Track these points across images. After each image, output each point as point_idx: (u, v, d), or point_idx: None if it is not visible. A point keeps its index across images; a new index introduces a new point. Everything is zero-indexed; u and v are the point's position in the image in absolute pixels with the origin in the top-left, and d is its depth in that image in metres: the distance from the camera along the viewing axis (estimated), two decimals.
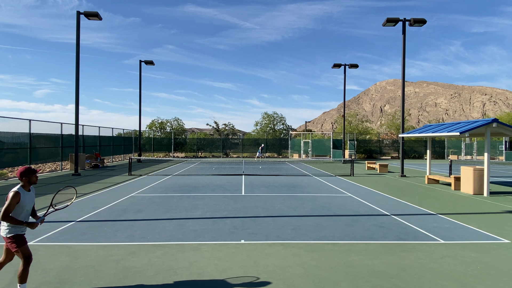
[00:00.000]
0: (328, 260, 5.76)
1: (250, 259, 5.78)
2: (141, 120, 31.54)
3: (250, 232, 7.40)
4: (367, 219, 8.81)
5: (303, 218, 8.77)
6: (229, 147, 42.64)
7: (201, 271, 5.25)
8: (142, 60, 30.17)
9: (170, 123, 44.59)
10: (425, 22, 18.93)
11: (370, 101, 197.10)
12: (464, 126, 13.49)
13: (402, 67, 19.88)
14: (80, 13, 18.51)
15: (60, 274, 5.07)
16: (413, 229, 7.83)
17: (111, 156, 30.73)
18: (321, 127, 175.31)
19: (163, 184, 15.25)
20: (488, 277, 5.11)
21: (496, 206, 10.81)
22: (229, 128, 47.07)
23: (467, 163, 32.47)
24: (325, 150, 37.50)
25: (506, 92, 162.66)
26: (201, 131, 56.50)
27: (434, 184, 16.28)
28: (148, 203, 10.65)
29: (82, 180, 16.62)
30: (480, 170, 13.22)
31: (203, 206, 10.27)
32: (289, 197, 11.90)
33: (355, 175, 19.71)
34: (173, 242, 6.68)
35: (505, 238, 7.15)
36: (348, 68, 30.93)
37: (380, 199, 11.76)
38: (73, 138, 20.77)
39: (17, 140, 18.00)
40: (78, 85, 18.82)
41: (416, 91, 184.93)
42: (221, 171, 21.23)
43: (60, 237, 6.96)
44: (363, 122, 46.99)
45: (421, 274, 5.20)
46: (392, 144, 43.01)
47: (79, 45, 18.78)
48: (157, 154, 40.52)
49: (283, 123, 46.87)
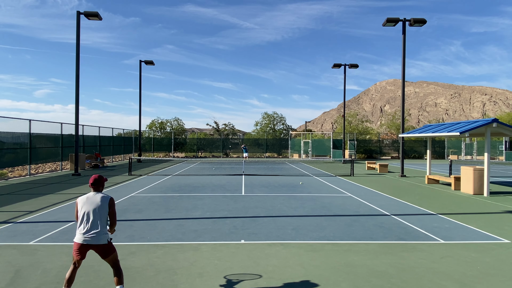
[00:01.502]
0: (328, 260, 5.76)
1: (250, 259, 5.78)
2: (141, 120, 31.59)
3: (250, 232, 7.40)
4: (367, 219, 8.81)
5: (303, 218, 8.77)
6: (229, 147, 42.65)
7: (201, 271, 5.25)
8: (142, 60, 30.19)
9: (170, 123, 44.63)
10: (425, 22, 18.94)
11: (370, 101, 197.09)
12: (464, 126, 13.49)
13: (402, 67, 19.88)
14: (80, 13, 18.51)
15: (60, 274, 5.07)
16: (413, 229, 7.83)
17: (111, 156, 30.74)
18: (321, 127, 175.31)
19: (163, 184, 15.25)
20: (488, 277, 5.11)
21: (496, 206, 10.81)
22: (229, 128, 47.05)
23: (467, 163, 32.46)
24: (325, 150, 37.49)
25: (506, 92, 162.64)
26: (201, 131, 56.52)
27: (434, 184, 16.28)
28: (148, 203, 10.65)
29: (82, 180, 16.61)
30: (480, 170, 13.22)
31: (203, 206, 10.27)
32: (289, 197, 11.90)
33: (355, 175, 19.71)
34: (173, 242, 6.68)
35: (505, 238, 7.15)
36: (348, 68, 30.94)
37: (380, 199, 11.76)
38: (73, 138, 20.76)
39: (17, 140, 18.00)
40: (78, 85, 18.83)
41: (416, 91, 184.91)
42: (221, 171, 21.24)
43: (60, 237, 6.96)
44: (363, 122, 46.99)
45: (421, 274, 5.20)
46: (392, 144, 43.00)
47: (79, 45, 18.79)
48: (157, 154, 40.53)
49: (283, 123, 46.91)
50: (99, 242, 4.11)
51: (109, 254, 4.21)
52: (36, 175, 18.83)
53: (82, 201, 4.22)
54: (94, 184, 4.29)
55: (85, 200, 4.22)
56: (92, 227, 4.10)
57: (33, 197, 11.64)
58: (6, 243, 6.52)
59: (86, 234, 4.09)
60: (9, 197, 11.64)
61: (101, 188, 4.36)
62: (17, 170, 20.26)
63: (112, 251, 4.25)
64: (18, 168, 20.67)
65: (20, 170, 20.62)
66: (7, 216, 8.73)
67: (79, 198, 4.27)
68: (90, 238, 4.08)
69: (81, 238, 4.09)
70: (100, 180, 4.34)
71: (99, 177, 4.34)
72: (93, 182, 4.29)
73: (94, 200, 4.19)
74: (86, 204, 4.18)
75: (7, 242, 6.61)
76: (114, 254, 4.28)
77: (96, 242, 4.09)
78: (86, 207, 4.17)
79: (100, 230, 4.12)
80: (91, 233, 4.08)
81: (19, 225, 7.89)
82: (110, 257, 4.23)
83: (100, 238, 4.11)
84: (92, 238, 4.08)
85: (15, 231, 7.39)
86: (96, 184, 4.30)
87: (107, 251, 4.19)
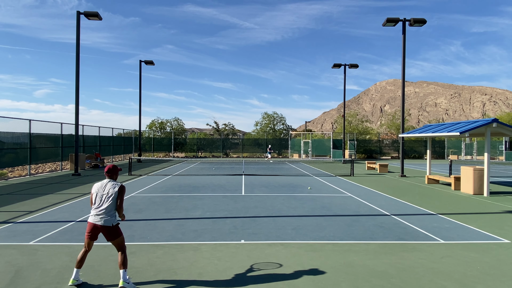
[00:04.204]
0: (328, 260, 5.76)
1: (250, 259, 5.78)
2: (141, 120, 31.59)
3: (250, 232, 7.40)
4: (367, 219, 8.81)
5: (303, 218, 8.77)
6: (229, 147, 42.63)
7: (201, 271, 5.25)
8: (142, 60, 30.18)
9: (170, 123, 44.61)
10: (425, 22, 18.93)
11: (370, 101, 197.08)
12: (464, 126, 13.49)
13: (402, 67, 19.88)
14: (80, 13, 18.51)
15: (60, 274, 5.07)
16: (413, 229, 7.83)
17: (111, 156, 30.73)
18: (321, 127, 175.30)
19: (163, 184, 15.25)
20: (488, 277, 5.11)
21: (496, 206, 10.81)
22: (229, 128, 47.04)
23: (467, 163, 32.46)
24: (325, 150, 37.48)
25: (506, 92, 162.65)
26: (201, 131, 56.50)
27: (434, 184, 16.28)
28: (148, 203, 10.65)
29: (82, 180, 16.62)
30: (480, 170, 13.22)
31: (203, 206, 10.27)
32: (289, 197, 11.90)
33: (355, 175, 19.71)
34: (173, 242, 6.68)
35: (505, 238, 7.15)
36: (348, 68, 30.93)
37: (380, 199, 11.76)
38: (73, 138, 20.76)
39: (17, 140, 18.00)
40: (78, 85, 18.82)
41: (416, 91, 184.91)
42: (221, 171, 21.24)
43: (60, 237, 6.95)
44: (363, 122, 46.96)
45: (421, 274, 5.20)
46: (392, 144, 42.99)
47: (79, 45, 18.78)
48: (157, 154, 40.52)
49: (283, 123, 46.87)
50: (106, 224, 4.59)
51: (115, 237, 4.67)
52: (36, 175, 18.82)
53: (97, 187, 4.76)
54: (108, 172, 4.81)
55: (100, 185, 4.75)
56: (102, 210, 4.61)
57: (33, 197, 11.64)
58: (6, 243, 6.52)
59: (97, 216, 4.61)
60: (9, 197, 11.64)
61: (114, 177, 4.85)
62: (17, 170, 20.26)
63: (119, 234, 4.70)
64: (18, 168, 20.67)
65: (20, 170, 20.62)
66: (7, 216, 8.72)
67: (95, 184, 4.81)
68: (100, 219, 4.59)
69: (93, 219, 4.61)
70: (114, 169, 4.85)
71: (113, 167, 4.86)
72: (108, 170, 4.80)
73: (107, 186, 4.72)
74: (100, 190, 4.71)
75: (7, 242, 6.61)
76: (121, 237, 4.73)
77: (104, 224, 4.58)
78: (100, 192, 4.69)
79: (109, 213, 4.63)
80: (101, 215, 4.60)
81: (19, 225, 7.89)
82: (117, 240, 4.68)
83: (107, 221, 4.60)
84: (101, 219, 4.59)
85: (15, 231, 7.39)
86: (110, 172, 4.82)
87: (113, 233, 4.65)
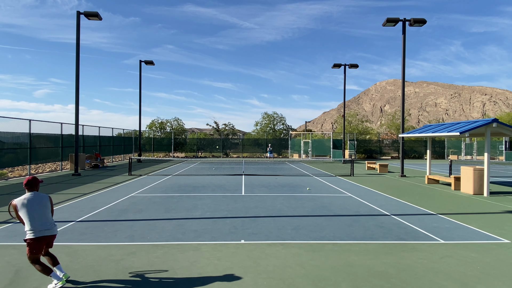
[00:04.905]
0: (328, 260, 5.76)
1: (250, 259, 5.78)
2: (141, 120, 31.58)
3: (250, 232, 7.40)
4: (367, 219, 8.81)
5: (303, 218, 8.77)
6: (229, 147, 42.63)
7: (201, 271, 5.25)
8: (142, 60, 30.16)
9: (170, 123, 44.59)
10: (425, 22, 18.93)
11: (370, 101, 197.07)
12: (464, 126, 13.49)
13: (402, 67, 19.88)
14: (80, 13, 18.51)
15: None
16: (413, 229, 7.83)
17: (111, 156, 30.73)
18: (321, 127, 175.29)
19: (163, 184, 15.25)
20: (488, 277, 5.11)
21: (496, 206, 10.81)
22: (229, 128, 47.04)
23: (467, 163, 32.46)
24: (325, 150, 37.48)
25: (506, 92, 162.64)
26: (201, 131, 56.50)
27: (434, 184, 16.28)
28: (148, 203, 10.65)
29: (82, 180, 16.62)
30: (480, 170, 13.22)
31: (203, 206, 10.27)
32: (289, 197, 11.90)
33: (355, 175, 19.71)
34: (173, 242, 6.68)
35: (505, 238, 7.15)
36: (348, 68, 30.90)
37: (380, 199, 11.76)
38: (73, 138, 20.76)
39: (17, 140, 18.00)
40: (78, 85, 18.82)
41: (416, 91, 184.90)
42: (221, 171, 21.24)
43: (60, 237, 6.95)
44: (363, 122, 46.93)
45: (421, 274, 5.20)
46: (392, 144, 42.99)
47: (79, 45, 18.78)
48: (157, 154, 40.53)
49: (283, 123, 46.84)
50: (55, 233, 4.79)
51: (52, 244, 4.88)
52: (36, 175, 18.81)
53: (20, 202, 4.58)
54: (27, 185, 4.71)
55: (25, 201, 4.60)
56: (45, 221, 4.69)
57: None
58: (6, 243, 6.53)
59: (42, 229, 4.62)
60: (9, 197, 11.63)
61: (35, 188, 4.78)
62: (17, 170, 20.26)
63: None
64: (18, 168, 20.67)
65: (20, 170, 20.62)
66: (7, 216, 8.72)
67: (15, 200, 4.63)
68: (48, 230, 4.68)
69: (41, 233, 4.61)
70: (34, 181, 4.77)
71: (33, 178, 4.77)
72: (27, 183, 4.70)
73: (36, 199, 4.67)
74: (29, 204, 4.59)
75: (7, 242, 6.61)
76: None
77: (54, 233, 4.76)
78: (30, 206, 4.58)
79: (53, 223, 4.80)
80: (47, 226, 4.67)
81: (19, 225, 7.88)
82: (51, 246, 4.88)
83: (55, 229, 4.80)
84: (49, 230, 4.70)
85: (15, 231, 7.39)
86: (30, 185, 4.73)
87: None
